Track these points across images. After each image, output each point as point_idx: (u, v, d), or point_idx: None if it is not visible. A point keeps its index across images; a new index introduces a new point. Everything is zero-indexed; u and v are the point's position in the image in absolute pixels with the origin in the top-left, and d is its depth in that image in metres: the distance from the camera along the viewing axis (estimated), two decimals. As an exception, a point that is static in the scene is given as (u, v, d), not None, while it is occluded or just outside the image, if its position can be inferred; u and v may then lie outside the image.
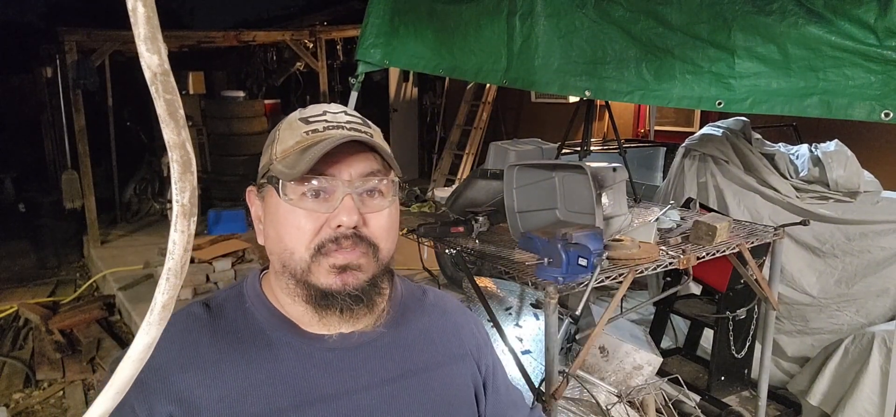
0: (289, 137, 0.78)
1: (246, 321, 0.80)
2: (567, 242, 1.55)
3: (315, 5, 9.69)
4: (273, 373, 0.77)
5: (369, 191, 0.77)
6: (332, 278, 0.75)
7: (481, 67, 2.55)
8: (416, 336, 0.88)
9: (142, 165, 7.26)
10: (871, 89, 1.52)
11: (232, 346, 0.78)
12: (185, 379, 0.74)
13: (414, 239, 2.07)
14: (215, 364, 0.76)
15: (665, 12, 1.87)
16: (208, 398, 0.74)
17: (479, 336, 0.96)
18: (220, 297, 0.84)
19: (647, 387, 2.03)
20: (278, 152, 0.78)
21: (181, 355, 0.76)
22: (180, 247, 0.34)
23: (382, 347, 0.83)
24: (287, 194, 0.75)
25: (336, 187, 0.75)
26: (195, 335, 0.78)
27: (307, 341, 0.80)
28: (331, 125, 0.77)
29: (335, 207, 0.75)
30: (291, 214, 0.75)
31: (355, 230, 0.75)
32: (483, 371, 0.93)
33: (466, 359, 0.91)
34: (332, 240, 0.75)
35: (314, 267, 0.75)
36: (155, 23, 0.29)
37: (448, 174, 7.55)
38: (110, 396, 0.34)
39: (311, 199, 0.75)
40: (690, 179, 3.04)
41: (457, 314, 0.95)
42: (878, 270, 2.66)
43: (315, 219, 0.75)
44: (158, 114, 0.31)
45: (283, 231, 0.76)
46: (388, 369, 0.83)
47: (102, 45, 5.96)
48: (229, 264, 4.64)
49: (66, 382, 3.64)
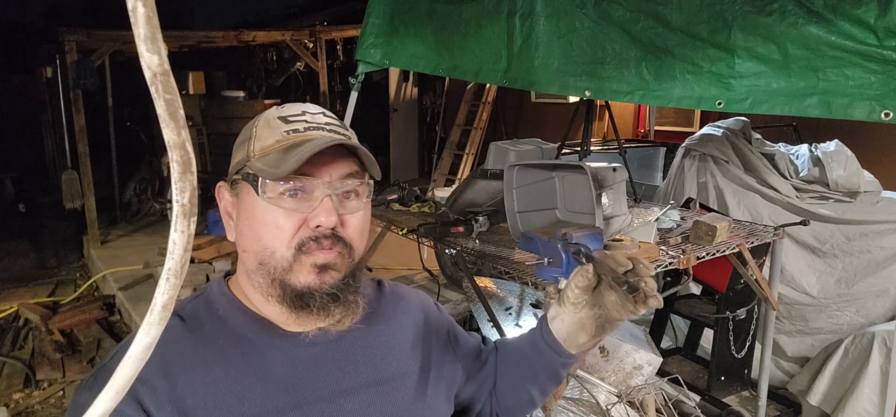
0: (267, 135, 0.78)
1: (223, 327, 0.80)
2: (567, 242, 1.55)
3: (315, 5, 9.68)
4: (264, 375, 0.77)
5: (346, 193, 0.78)
6: (312, 276, 0.76)
7: (481, 67, 2.55)
8: (387, 324, 0.91)
9: (142, 165, 7.26)
10: (871, 89, 1.52)
11: (217, 353, 0.77)
12: (180, 391, 0.73)
13: (414, 239, 2.07)
14: (205, 374, 0.75)
15: (665, 12, 1.87)
16: (203, 405, 0.73)
17: (437, 308, 1.03)
18: (188, 308, 0.82)
19: (647, 387, 2.03)
20: (256, 150, 0.77)
21: (169, 365, 0.74)
22: (180, 247, 0.34)
23: (360, 338, 0.85)
24: (266, 193, 0.75)
25: (315, 188, 0.76)
26: (178, 346, 0.77)
27: (289, 340, 0.81)
28: (311, 126, 0.78)
29: (314, 207, 0.75)
30: (269, 212, 0.75)
31: (333, 231, 0.76)
32: (452, 338, 1.00)
33: (440, 331, 0.98)
34: (311, 239, 0.75)
35: (296, 265, 0.76)
36: (155, 23, 0.29)
37: (448, 174, 7.55)
38: (110, 396, 0.34)
39: (290, 198, 0.75)
40: (690, 179, 3.04)
41: (412, 296, 1.00)
42: (878, 270, 2.66)
43: (294, 218, 0.75)
44: (158, 114, 0.31)
45: (261, 229, 0.76)
46: (371, 355, 0.86)
47: (102, 45, 5.96)
48: (229, 264, 4.63)
49: (66, 382, 3.64)
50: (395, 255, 4.62)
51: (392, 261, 4.71)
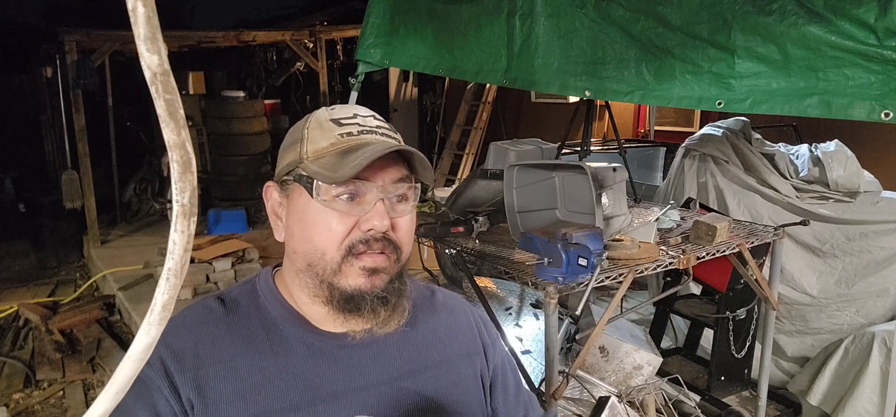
0: (320, 137, 0.78)
1: (260, 315, 0.82)
2: (567, 242, 1.55)
3: (315, 5, 9.69)
4: (286, 369, 0.78)
5: (398, 196, 0.79)
6: (362, 279, 0.77)
7: (481, 67, 2.55)
8: (426, 335, 0.89)
9: (142, 165, 7.26)
10: (871, 89, 1.52)
11: (246, 340, 0.79)
12: (203, 371, 0.75)
13: (414, 239, 2.07)
14: (231, 359, 0.77)
15: (665, 12, 1.87)
16: (223, 391, 0.75)
17: (487, 336, 0.97)
18: (234, 292, 0.85)
19: (647, 387, 2.03)
20: (309, 152, 0.78)
21: (200, 346, 0.77)
22: (180, 247, 0.34)
23: (392, 344, 0.84)
24: (320, 195, 0.75)
25: (369, 191, 0.76)
26: (212, 328, 0.79)
27: (319, 337, 0.81)
28: (364, 130, 0.79)
29: (366, 210, 0.76)
30: (322, 214, 0.76)
31: (384, 234, 0.77)
32: (491, 369, 0.94)
33: (475, 357, 0.93)
34: (362, 242, 0.76)
35: (345, 268, 0.76)
36: (155, 23, 0.29)
37: (448, 174, 7.55)
38: (110, 396, 0.34)
39: (344, 201, 0.76)
40: (690, 179, 3.04)
41: (465, 314, 0.96)
42: (878, 270, 2.66)
43: (346, 221, 0.76)
44: (158, 114, 0.31)
45: (313, 231, 0.77)
46: (398, 366, 0.84)
47: (102, 45, 5.96)
48: (229, 264, 4.63)
49: (66, 382, 3.64)
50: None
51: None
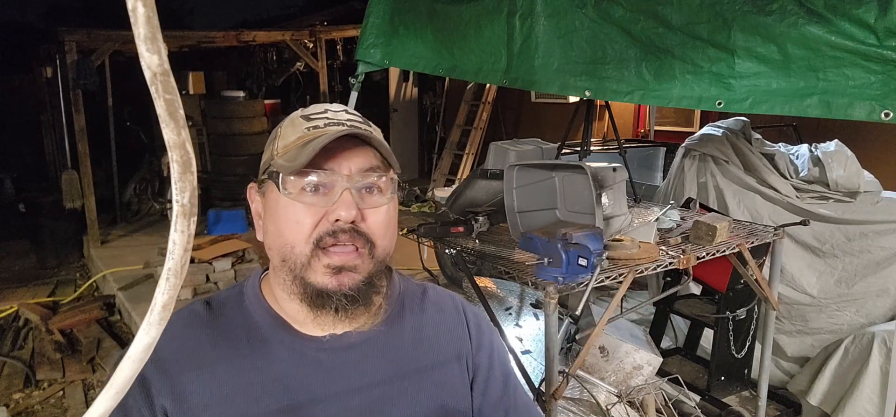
0: (290, 133, 0.79)
1: (244, 319, 0.81)
2: (567, 242, 1.54)
3: (315, 5, 9.69)
4: (267, 374, 0.77)
5: (368, 187, 0.78)
6: (328, 278, 0.75)
7: (481, 67, 2.55)
8: (410, 336, 0.87)
9: (142, 165, 7.26)
10: (871, 89, 1.52)
11: (229, 345, 0.79)
12: (183, 377, 0.75)
13: (414, 239, 2.07)
14: (212, 365, 0.77)
15: (665, 12, 1.87)
16: (202, 397, 0.75)
17: (476, 336, 0.92)
18: (222, 296, 0.85)
19: (647, 387, 2.02)
20: (279, 148, 0.78)
21: (181, 352, 0.77)
22: (180, 247, 0.34)
23: (376, 347, 0.83)
24: (286, 188, 0.75)
25: (335, 182, 0.75)
26: (196, 332, 0.79)
27: (301, 340, 0.80)
28: (331, 122, 0.78)
29: (334, 201, 0.75)
30: (290, 208, 0.76)
31: (353, 225, 0.75)
32: (472, 370, 0.91)
33: (463, 359, 0.90)
34: (329, 234, 0.75)
35: (313, 262, 0.75)
36: (155, 23, 0.29)
37: (448, 174, 7.55)
38: (110, 396, 0.34)
39: (311, 193, 0.75)
40: (690, 179, 3.04)
41: (455, 312, 0.93)
42: (878, 270, 2.66)
43: (313, 213, 0.75)
44: (158, 114, 0.31)
45: (283, 225, 0.76)
46: (381, 370, 0.82)
47: (102, 45, 5.96)
48: (229, 264, 4.63)
49: (66, 382, 3.64)
50: (395, 255, 4.59)
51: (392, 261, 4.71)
